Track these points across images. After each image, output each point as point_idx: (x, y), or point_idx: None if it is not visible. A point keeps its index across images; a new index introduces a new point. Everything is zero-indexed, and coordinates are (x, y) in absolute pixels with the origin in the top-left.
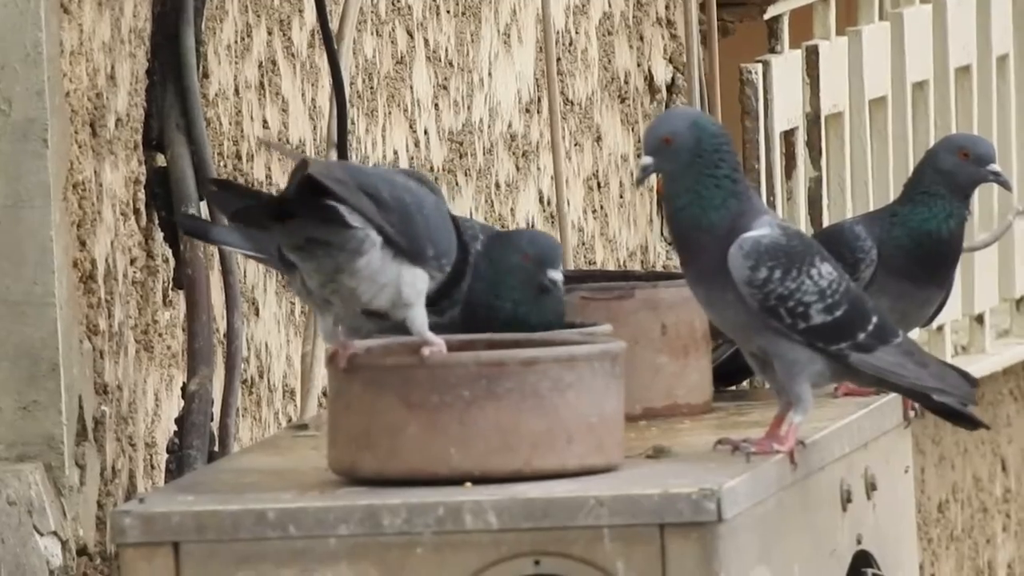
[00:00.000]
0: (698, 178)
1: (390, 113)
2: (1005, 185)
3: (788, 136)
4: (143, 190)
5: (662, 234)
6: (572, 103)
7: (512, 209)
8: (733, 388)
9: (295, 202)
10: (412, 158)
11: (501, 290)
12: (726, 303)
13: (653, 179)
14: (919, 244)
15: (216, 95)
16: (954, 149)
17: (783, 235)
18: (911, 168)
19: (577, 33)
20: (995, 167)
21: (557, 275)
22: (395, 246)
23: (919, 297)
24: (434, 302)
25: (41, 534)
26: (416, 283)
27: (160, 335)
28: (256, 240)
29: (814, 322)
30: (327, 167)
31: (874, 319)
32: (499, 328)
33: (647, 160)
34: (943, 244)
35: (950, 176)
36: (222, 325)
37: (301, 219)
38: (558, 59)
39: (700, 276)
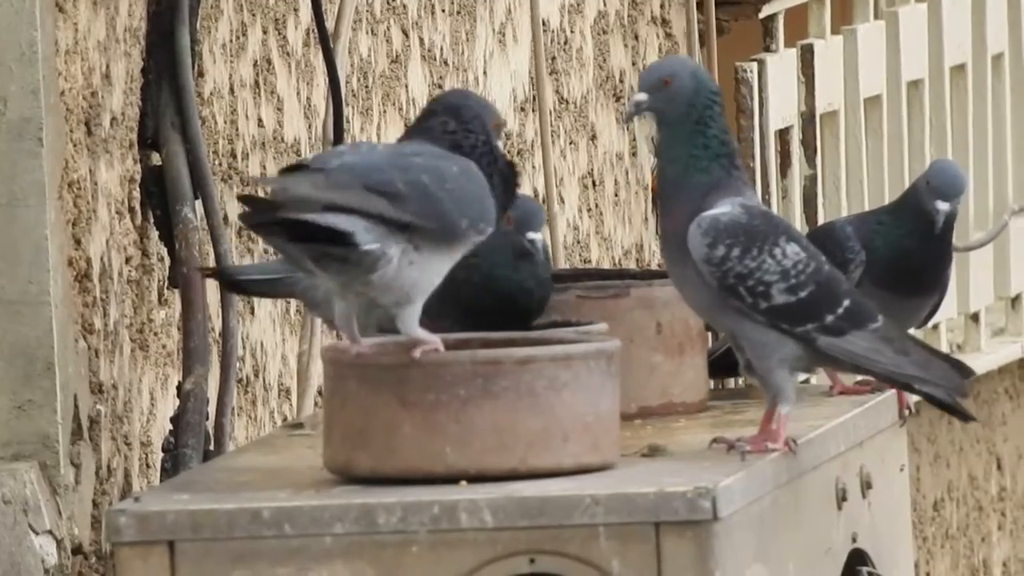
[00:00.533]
0: (690, 132)
1: (385, 112)
2: (937, 225)
3: (783, 135)
4: (138, 189)
5: (657, 232)
6: (567, 102)
7: None
8: (731, 386)
9: (307, 224)
10: None
11: (479, 251)
12: (687, 279)
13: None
14: (899, 257)
15: (211, 94)
16: (928, 175)
17: (744, 213)
18: (906, 167)
19: (572, 32)
20: (942, 204)
21: (537, 236)
22: (428, 236)
23: (904, 306)
24: None
25: (36, 533)
26: (434, 282)
27: (155, 334)
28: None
29: (776, 302)
30: (327, 178)
31: (846, 302)
32: (475, 292)
33: (641, 96)
34: (920, 260)
35: (917, 197)
36: (217, 324)
37: (313, 243)
38: (553, 58)
39: (667, 244)
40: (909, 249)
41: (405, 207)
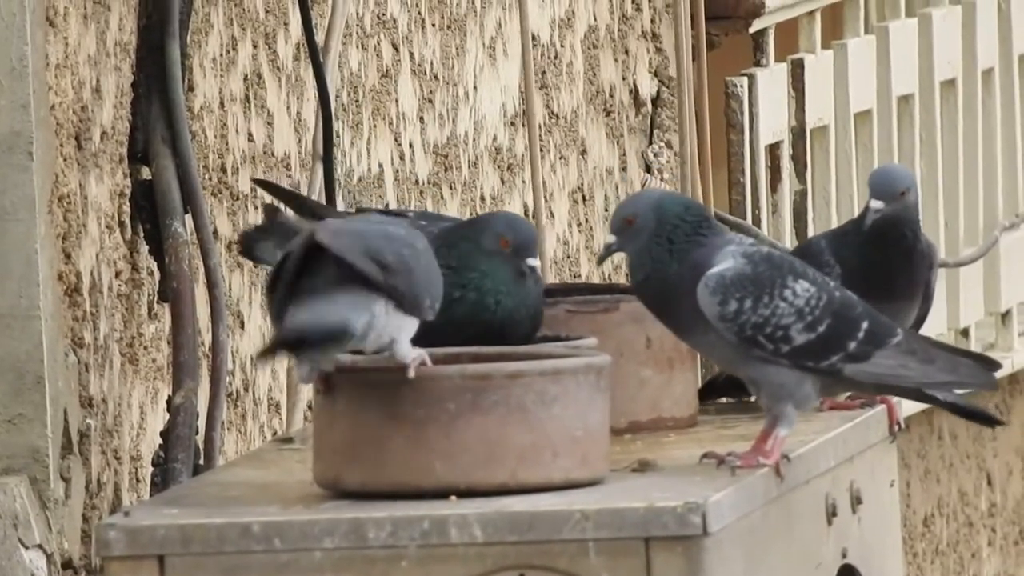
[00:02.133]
0: (653, 252)
1: (375, 126)
2: (866, 223)
3: (773, 149)
4: (128, 203)
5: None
6: (557, 116)
7: None
8: (720, 401)
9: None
10: (397, 171)
11: (472, 277)
12: (711, 344)
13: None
14: (867, 261)
15: (201, 108)
16: (868, 180)
17: (747, 264)
18: None
19: (562, 46)
20: (874, 203)
21: (536, 263)
22: (399, 306)
23: (887, 312)
24: None
25: (26, 547)
26: (409, 331)
27: (145, 348)
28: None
29: (797, 343)
30: (333, 234)
31: (864, 324)
32: (461, 319)
33: (610, 239)
34: (886, 261)
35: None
36: (207, 338)
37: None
38: (543, 72)
39: (681, 328)
40: (873, 253)
41: (393, 279)
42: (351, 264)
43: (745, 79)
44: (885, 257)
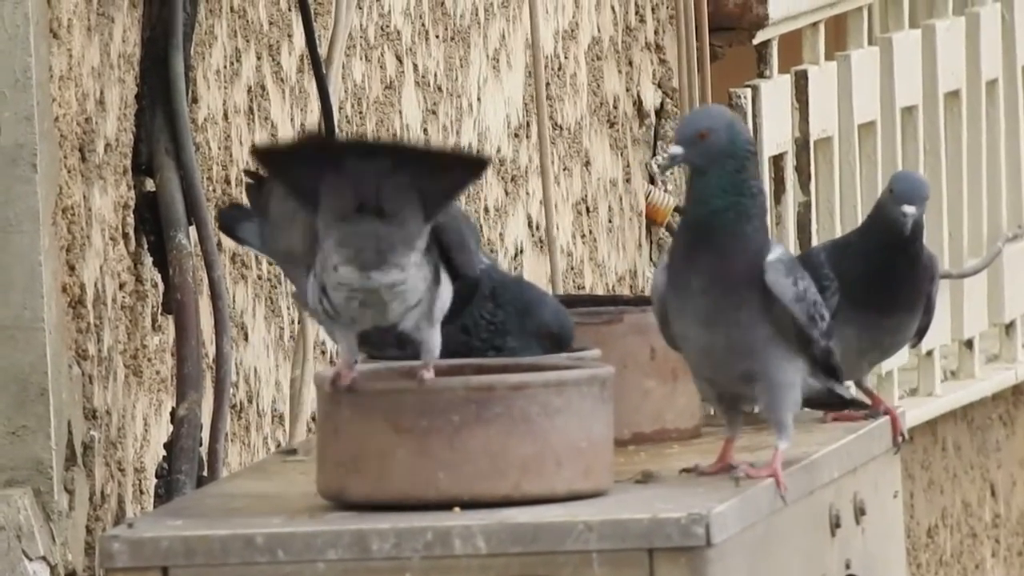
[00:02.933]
0: (736, 182)
1: (379, 138)
2: (906, 227)
3: (777, 161)
4: (132, 215)
5: (651, 259)
6: (561, 128)
7: (501, 234)
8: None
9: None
10: None
11: (511, 348)
12: (737, 322)
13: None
14: (870, 272)
15: (205, 120)
16: (889, 185)
17: (785, 250)
18: None
19: (566, 58)
20: (908, 208)
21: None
22: (430, 252)
23: (886, 326)
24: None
25: (30, 559)
26: (446, 303)
27: (149, 360)
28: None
29: (827, 321)
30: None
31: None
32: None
33: (677, 150)
34: (890, 274)
35: (881, 210)
36: (211, 350)
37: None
38: (547, 84)
39: (713, 287)
40: (878, 263)
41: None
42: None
43: (749, 90)
44: (889, 268)
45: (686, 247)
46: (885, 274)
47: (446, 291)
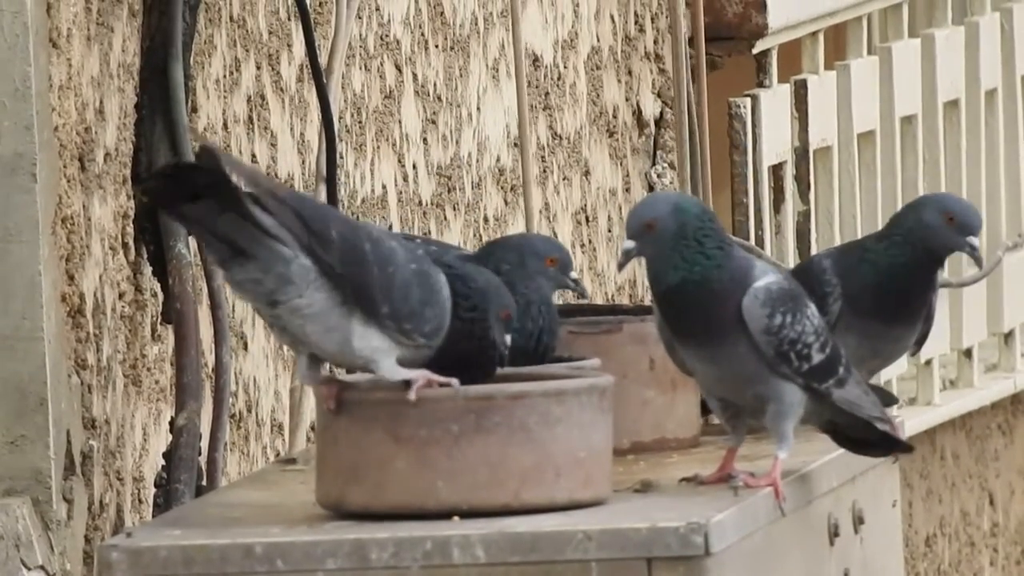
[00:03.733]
0: (689, 256)
1: (379, 147)
2: (977, 261)
3: (776, 170)
4: (131, 224)
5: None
6: (560, 137)
7: None
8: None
9: (203, 181)
10: (400, 192)
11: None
12: (735, 357)
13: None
14: (885, 283)
15: (205, 129)
16: (942, 210)
17: (783, 279)
18: (899, 202)
19: (565, 67)
20: (974, 240)
21: (576, 275)
22: (339, 289)
23: (889, 335)
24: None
25: (29, 568)
26: (371, 340)
27: (148, 369)
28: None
29: (814, 362)
30: (272, 187)
31: (842, 351)
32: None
33: (629, 244)
34: (906, 288)
35: (931, 233)
36: (210, 359)
37: (208, 201)
38: (546, 93)
39: (706, 339)
40: (901, 278)
41: (327, 253)
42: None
43: (748, 100)
44: (909, 284)
45: (663, 315)
46: (901, 288)
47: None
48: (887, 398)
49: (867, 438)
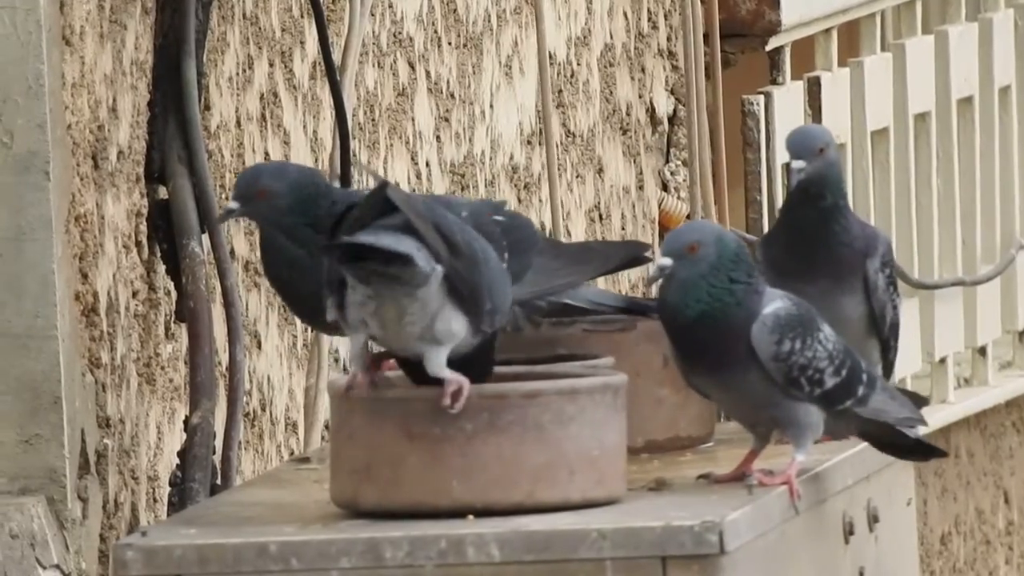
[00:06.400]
0: (711, 287)
1: (392, 145)
2: (791, 182)
3: (790, 168)
4: (145, 223)
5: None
6: (574, 135)
7: None
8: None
9: (363, 245)
10: (414, 190)
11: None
12: (746, 384)
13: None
14: (783, 237)
15: (218, 127)
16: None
17: (793, 304)
18: (913, 199)
19: (579, 65)
20: (796, 163)
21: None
22: (457, 291)
23: (811, 293)
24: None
25: (44, 567)
26: (452, 325)
27: (162, 368)
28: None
29: (827, 386)
30: (407, 197)
31: (863, 368)
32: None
33: (666, 262)
34: (799, 238)
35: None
36: (224, 358)
37: (371, 261)
38: (559, 91)
39: (717, 367)
40: (792, 227)
41: (456, 262)
42: (416, 228)
43: (761, 97)
44: (800, 230)
45: (676, 346)
46: (797, 237)
47: (459, 319)
48: (918, 400)
49: (901, 444)
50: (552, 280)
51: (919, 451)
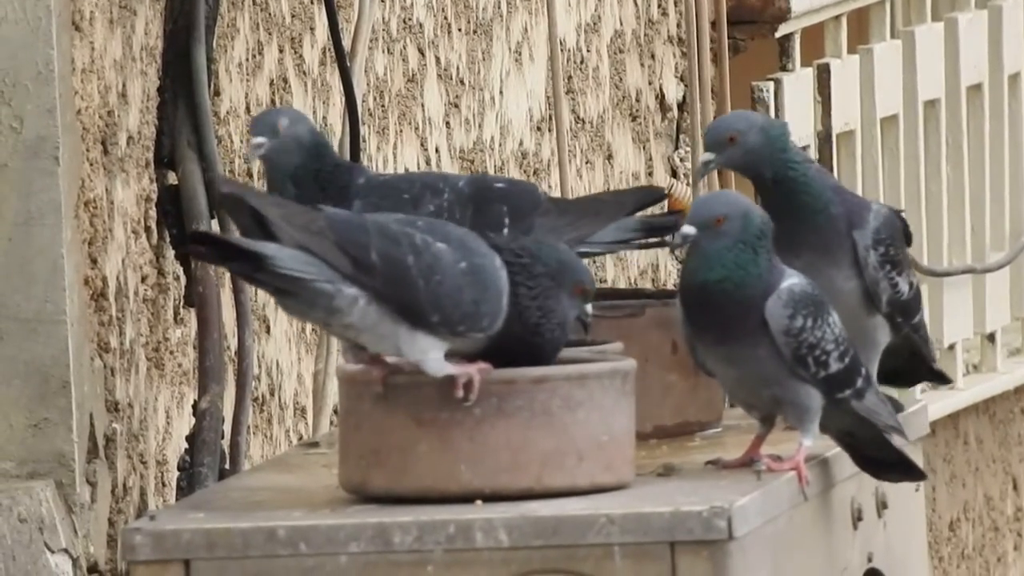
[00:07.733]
0: (737, 256)
1: (401, 131)
2: (699, 173)
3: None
4: (154, 208)
5: (673, 252)
6: (583, 121)
7: None
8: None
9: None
10: None
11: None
12: (754, 359)
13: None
14: (770, 213)
15: (227, 113)
16: None
17: (808, 283)
18: (922, 186)
19: (588, 51)
20: (704, 156)
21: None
22: (388, 305)
23: (797, 266)
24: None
25: (52, 551)
26: (417, 343)
27: (171, 353)
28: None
29: (831, 370)
30: (308, 221)
31: (862, 363)
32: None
33: (691, 231)
34: (779, 212)
35: None
36: (233, 343)
37: (268, 271)
38: (569, 77)
39: (726, 338)
40: (765, 205)
41: (371, 279)
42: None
43: (771, 84)
44: (773, 206)
45: (686, 309)
46: (774, 214)
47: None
48: (895, 405)
49: (884, 458)
50: (559, 237)
51: (899, 468)
